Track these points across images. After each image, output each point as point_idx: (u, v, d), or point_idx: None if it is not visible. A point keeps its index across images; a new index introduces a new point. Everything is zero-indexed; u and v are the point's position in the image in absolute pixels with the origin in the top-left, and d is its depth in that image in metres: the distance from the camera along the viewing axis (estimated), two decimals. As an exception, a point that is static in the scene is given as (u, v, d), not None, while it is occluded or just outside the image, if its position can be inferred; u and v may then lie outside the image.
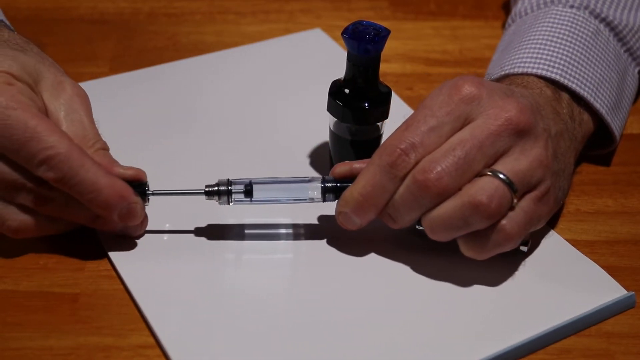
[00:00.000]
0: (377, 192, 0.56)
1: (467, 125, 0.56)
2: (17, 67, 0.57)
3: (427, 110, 0.56)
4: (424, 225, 0.57)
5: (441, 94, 0.57)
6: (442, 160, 0.55)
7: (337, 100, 0.63)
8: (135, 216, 0.58)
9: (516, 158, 0.56)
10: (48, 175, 0.55)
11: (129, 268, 0.58)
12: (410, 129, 0.56)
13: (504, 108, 0.56)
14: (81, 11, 0.86)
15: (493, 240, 0.56)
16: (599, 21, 0.70)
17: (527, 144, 0.56)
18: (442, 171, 0.54)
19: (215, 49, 0.81)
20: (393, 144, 0.56)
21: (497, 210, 0.54)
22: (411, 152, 0.55)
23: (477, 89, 0.57)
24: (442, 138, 0.56)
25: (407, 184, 0.56)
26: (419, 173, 0.55)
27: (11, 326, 0.55)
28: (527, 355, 0.55)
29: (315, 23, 0.86)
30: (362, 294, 0.57)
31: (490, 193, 0.54)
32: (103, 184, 0.56)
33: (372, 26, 0.61)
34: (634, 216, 0.65)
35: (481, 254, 0.56)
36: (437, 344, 0.54)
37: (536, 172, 0.56)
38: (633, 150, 0.72)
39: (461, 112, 0.56)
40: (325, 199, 0.60)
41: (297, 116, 0.73)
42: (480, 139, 0.55)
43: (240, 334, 0.54)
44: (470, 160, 0.55)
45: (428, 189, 0.55)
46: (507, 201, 0.55)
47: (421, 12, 0.90)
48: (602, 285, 0.58)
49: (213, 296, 0.57)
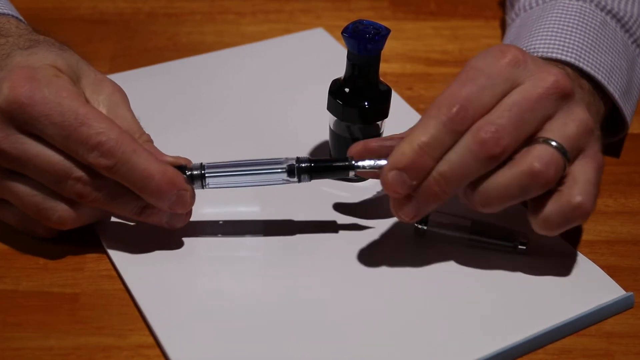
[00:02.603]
0: (436, 145, 0.54)
1: (517, 88, 0.56)
2: (62, 62, 0.58)
3: (477, 70, 0.56)
4: (476, 197, 0.55)
5: (488, 57, 0.57)
6: (499, 120, 0.54)
7: (337, 99, 0.63)
8: (186, 203, 0.57)
9: (564, 122, 0.56)
10: (100, 161, 0.55)
11: (129, 268, 0.58)
12: (466, 87, 0.55)
13: (550, 72, 0.56)
14: (81, 11, 0.86)
15: (570, 217, 0.55)
16: (605, 13, 0.71)
17: (571, 108, 0.57)
18: (502, 130, 0.54)
19: (215, 49, 0.81)
20: (450, 99, 0.55)
21: (554, 177, 0.54)
22: (469, 107, 0.55)
23: (522, 54, 0.57)
24: (495, 98, 0.55)
25: (466, 142, 0.54)
26: (478, 131, 0.54)
27: (11, 326, 0.55)
28: (526, 355, 0.55)
29: (316, 23, 0.86)
30: (363, 293, 0.57)
31: (547, 161, 0.54)
32: (155, 170, 0.56)
33: (372, 25, 0.61)
34: (634, 216, 0.65)
35: (556, 230, 0.56)
36: (436, 343, 0.54)
37: (583, 137, 0.56)
38: (633, 150, 0.72)
39: (509, 75, 0.56)
40: (301, 180, 0.59)
41: (298, 115, 0.73)
42: (532, 101, 0.55)
43: (240, 334, 0.54)
44: (525, 121, 0.55)
45: (489, 148, 0.54)
46: (562, 168, 0.55)
47: (421, 12, 0.90)
48: (601, 285, 0.58)
49: (213, 296, 0.57)
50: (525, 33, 0.70)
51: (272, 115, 0.73)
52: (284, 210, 0.62)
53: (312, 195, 0.65)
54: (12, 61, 0.56)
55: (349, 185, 0.66)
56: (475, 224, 0.60)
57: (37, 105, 0.54)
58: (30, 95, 0.54)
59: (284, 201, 0.64)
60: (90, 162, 0.55)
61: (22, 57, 0.57)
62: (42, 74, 0.55)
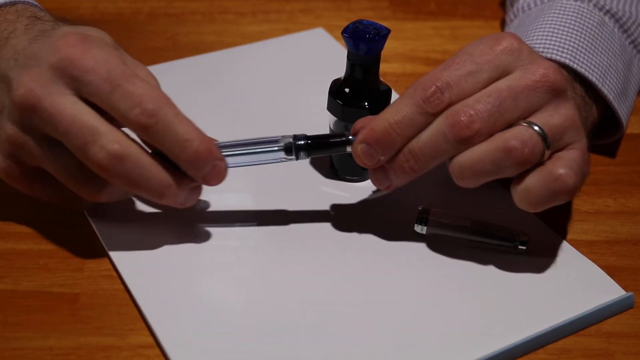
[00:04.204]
0: (405, 123, 0.55)
1: (505, 77, 0.56)
2: (108, 38, 0.58)
3: (467, 55, 0.56)
4: (451, 170, 0.56)
5: (482, 44, 0.57)
6: (476, 105, 0.55)
7: (337, 99, 0.63)
8: (221, 175, 0.57)
9: (550, 114, 0.56)
10: (140, 119, 0.54)
11: (129, 268, 0.58)
12: (449, 70, 0.56)
13: (542, 65, 0.57)
14: (81, 11, 0.87)
15: (552, 189, 0.55)
16: (603, 13, 0.71)
17: (560, 103, 0.57)
18: (475, 115, 0.54)
19: (215, 49, 0.81)
20: (429, 81, 0.56)
21: (529, 157, 0.54)
22: (446, 90, 0.55)
23: (519, 43, 0.57)
24: (478, 84, 0.56)
25: (437, 123, 0.55)
26: (452, 114, 0.55)
27: (11, 326, 0.55)
28: (526, 355, 0.55)
29: (316, 23, 0.86)
30: (363, 293, 0.57)
31: (524, 139, 0.54)
32: (195, 135, 0.55)
33: (372, 25, 0.61)
34: (634, 216, 0.65)
35: (537, 204, 0.55)
36: (436, 342, 0.54)
37: (569, 131, 0.56)
38: (633, 150, 0.72)
39: (500, 62, 0.56)
40: (299, 157, 0.59)
41: (298, 115, 0.73)
42: (516, 91, 0.55)
43: (240, 334, 0.54)
44: (504, 109, 0.55)
45: (460, 130, 0.54)
46: (539, 151, 0.55)
47: (421, 12, 0.90)
48: (601, 285, 0.58)
49: (213, 296, 0.57)
50: (522, 33, 0.70)
51: (272, 115, 0.73)
52: (284, 210, 0.62)
53: (312, 195, 0.65)
54: (62, 30, 0.57)
55: (349, 185, 0.66)
56: (475, 224, 0.60)
57: (87, 60, 0.54)
58: (82, 51, 0.55)
59: (283, 201, 0.64)
60: (130, 119, 0.54)
61: (71, 28, 0.57)
62: (93, 38, 0.56)
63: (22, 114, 0.55)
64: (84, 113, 0.54)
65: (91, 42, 0.56)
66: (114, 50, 0.57)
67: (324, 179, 0.66)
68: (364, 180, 0.66)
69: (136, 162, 0.54)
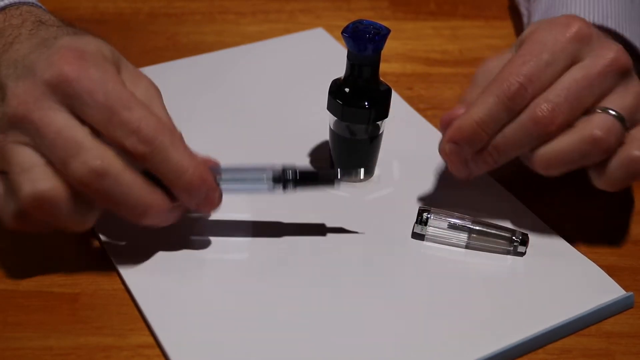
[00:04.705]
0: (492, 121, 0.58)
1: (578, 64, 0.59)
2: (107, 49, 0.57)
3: (541, 45, 0.59)
4: (536, 161, 0.58)
5: (553, 30, 0.59)
6: (556, 99, 0.57)
7: (337, 99, 0.63)
8: (214, 204, 0.57)
9: (621, 95, 0.59)
10: (137, 147, 0.54)
11: (129, 268, 0.58)
12: (528, 64, 0.58)
13: (611, 48, 0.59)
14: (81, 11, 0.86)
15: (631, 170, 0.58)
16: None
17: (629, 82, 0.59)
18: (557, 109, 0.57)
19: (215, 49, 0.81)
20: (511, 77, 0.58)
21: (614, 144, 0.57)
22: (529, 85, 0.58)
23: (588, 27, 0.59)
24: (555, 74, 0.58)
25: (521, 120, 0.58)
26: (535, 110, 0.57)
27: (11, 326, 0.55)
28: (526, 355, 0.55)
29: (316, 23, 0.86)
30: (362, 294, 0.57)
31: (608, 128, 0.57)
32: (189, 164, 0.55)
33: (372, 25, 0.61)
34: (634, 216, 0.65)
35: (617, 184, 0.59)
36: (436, 342, 0.54)
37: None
38: (633, 150, 0.72)
39: (573, 50, 0.59)
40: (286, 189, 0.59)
41: (298, 115, 0.73)
42: (591, 78, 0.58)
43: (240, 334, 0.54)
44: (582, 99, 0.58)
45: (543, 126, 0.57)
46: (621, 135, 0.58)
47: (421, 12, 0.90)
48: (601, 285, 0.58)
49: (213, 296, 0.57)
50: (560, 5, 0.71)
51: (272, 115, 0.73)
52: (283, 210, 0.62)
53: (312, 195, 0.65)
54: (61, 41, 0.56)
55: (349, 185, 0.66)
56: (475, 224, 0.60)
57: (84, 81, 0.54)
58: (78, 71, 0.54)
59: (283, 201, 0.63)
60: (126, 146, 0.54)
61: (70, 39, 0.57)
62: (91, 56, 0.55)
63: (12, 125, 0.54)
64: (72, 127, 0.54)
65: (88, 60, 0.55)
66: (111, 68, 0.56)
67: (324, 179, 0.66)
68: (364, 180, 0.66)
69: (118, 180, 0.54)
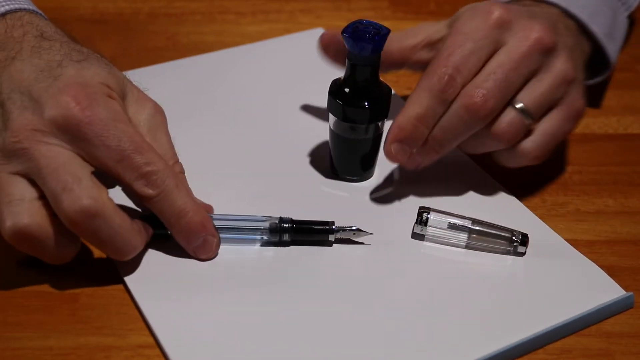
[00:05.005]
0: (429, 115, 0.60)
1: (501, 49, 0.61)
2: (113, 80, 0.57)
3: (464, 35, 0.61)
4: None
5: (474, 19, 0.61)
6: (486, 84, 0.59)
7: (337, 99, 0.63)
8: (211, 251, 0.58)
9: (541, 78, 0.61)
10: (144, 190, 0.55)
11: (129, 268, 0.58)
12: (454, 54, 0.60)
13: (533, 29, 0.61)
14: (81, 11, 0.86)
15: (519, 157, 0.62)
16: None
17: (552, 61, 0.62)
18: (487, 94, 0.59)
19: (215, 49, 0.81)
20: (439, 70, 0.60)
21: (513, 137, 0.61)
22: (457, 75, 0.60)
23: (507, 13, 0.61)
24: (481, 61, 0.60)
25: (454, 109, 0.60)
26: (467, 98, 0.59)
27: (11, 326, 0.55)
28: (527, 355, 0.55)
29: (316, 23, 0.86)
30: (362, 293, 0.57)
31: (509, 122, 0.61)
32: (190, 208, 0.56)
33: (372, 25, 0.61)
34: (634, 216, 0.65)
35: (510, 164, 0.64)
36: (436, 342, 0.54)
37: (559, 89, 0.62)
38: (633, 150, 0.72)
39: (495, 36, 0.61)
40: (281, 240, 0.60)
41: (298, 115, 0.73)
42: (516, 61, 0.60)
43: (239, 334, 0.54)
44: (509, 81, 0.60)
45: (475, 112, 0.59)
46: (522, 128, 0.61)
47: (421, 12, 0.90)
48: (601, 285, 0.58)
49: (212, 296, 0.57)
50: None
51: (272, 115, 0.73)
52: (283, 211, 0.62)
53: (312, 195, 0.65)
54: (66, 72, 0.55)
55: (348, 185, 0.66)
56: (475, 224, 0.60)
57: (95, 125, 0.54)
58: (90, 115, 0.54)
59: (282, 202, 0.64)
60: (134, 189, 0.55)
61: (75, 70, 0.56)
62: (99, 94, 0.55)
63: (12, 155, 0.54)
64: (74, 164, 0.54)
65: (98, 101, 0.54)
66: (118, 105, 0.56)
67: (324, 179, 0.66)
68: (364, 180, 0.66)
69: (107, 222, 0.54)
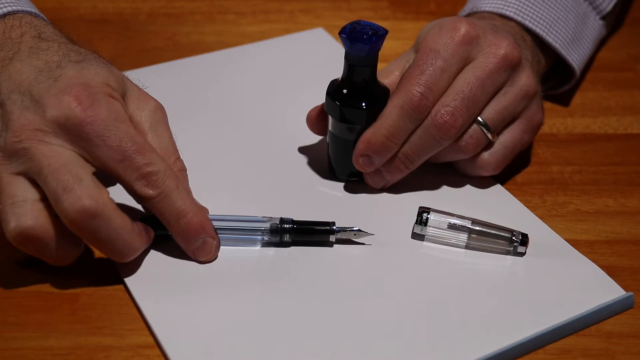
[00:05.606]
0: (400, 132, 0.62)
1: (470, 65, 0.63)
2: (113, 79, 0.57)
3: (434, 53, 0.62)
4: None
5: (442, 36, 0.62)
6: (453, 102, 0.61)
7: (334, 100, 0.63)
8: (210, 253, 0.58)
9: (505, 92, 0.63)
10: (145, 191, 0.55)
11: (129, 268, 0.58)
12: (425, 74, 0.61)
13: (500, 45, 0.63)
14: (81, 11, 0.87)
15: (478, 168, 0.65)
16: None
17: (517, 75, 0.64)
18: (455, 112, 0.61)
19: (215, 49, 0.81)
20: (412, 89, 0.61)
21: (474, 148, 0.63)
22: (429, 94, 0.61)
23: (474, 29, 0.63)
24: (450, 78, 0.62)
25: (425, 127, 0.62)
26: (436, 117, 0.61)
27: (11, 326, 0.55)
28: (527, 355, 0.55)
29: (316, 23, 0.86)
30: (362, 294, 0.57)
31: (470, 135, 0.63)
32: (189, 208, 0.57)
33: (369, 26, 0.61)
34: (634, 216, 0.65)
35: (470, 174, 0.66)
36: (436, 342, 0.54)
37: (521, 103, 0.64)
38: (633, 150, 0.72)
39: (463, 52, 0.62)
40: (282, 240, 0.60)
41: (297, 115, 0.72)
42: (482, 79, 0.62)
43: (240, 334, 0.54)
44: (477, 98, 0.62)
45: (446, 130, 0.61)
46: (484, 141, 0.63)
47: (421, 12, 0.90)
48: (601, 285, 0.58)
49: (213, 296, 0.57)
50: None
51: (272, 116, 0.73)
52: (282, 211, 0.62)
53: (310, 195, 0.65)
54: (66, 73, 0.56)
55: (348, 185, 0.66)
56: (475, 224, 0.60)
57: (97, 125, 0.54)
58: (92, 115, 0.54)
59: (282, 202, 0.64)
60: (135, 189, 0.55)
61: (75, 71, 0.56)
62: (100, 94, 0.55)
63: (13, 155, 0.54)
64: (76, 164, 0.54)
65: (99, 101, 0.55)
66: (119, 105, 0.56)
67: (322, 180, 0.66)
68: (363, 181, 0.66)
69: (107, 222, 0.54)
